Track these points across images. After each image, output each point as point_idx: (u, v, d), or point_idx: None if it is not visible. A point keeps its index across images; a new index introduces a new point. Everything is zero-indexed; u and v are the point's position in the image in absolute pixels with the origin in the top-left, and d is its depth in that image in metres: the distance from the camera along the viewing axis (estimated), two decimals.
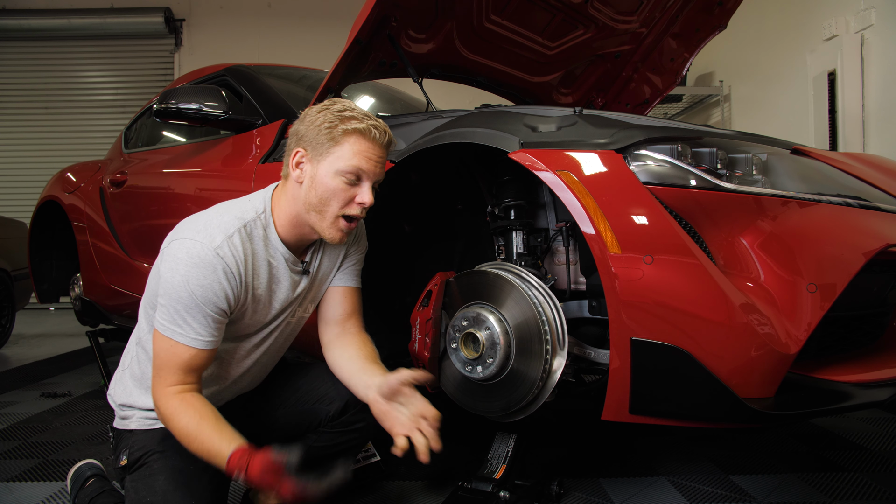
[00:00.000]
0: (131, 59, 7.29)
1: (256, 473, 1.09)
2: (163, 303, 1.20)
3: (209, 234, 1.21)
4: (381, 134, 1.24)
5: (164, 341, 1.20)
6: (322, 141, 1.22)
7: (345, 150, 1.22)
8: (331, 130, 1.22)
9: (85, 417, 2.50)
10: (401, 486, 1.70)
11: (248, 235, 1.25)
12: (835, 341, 1.38)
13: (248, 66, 2.55)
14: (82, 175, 3.29)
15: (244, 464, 1.10)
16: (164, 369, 1.20)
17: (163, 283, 1.20)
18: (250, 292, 1.27)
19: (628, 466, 1.81)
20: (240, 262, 1.22)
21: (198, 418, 1.16)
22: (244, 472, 1.10)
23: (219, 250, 1.19)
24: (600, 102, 2.59)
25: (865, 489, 1.62)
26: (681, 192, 1.22)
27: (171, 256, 1.20)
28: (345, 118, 1.22)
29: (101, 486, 1.50)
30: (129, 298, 2.69)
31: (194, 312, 1.18)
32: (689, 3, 2.22)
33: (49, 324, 5.84)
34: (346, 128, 1.21)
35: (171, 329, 1.19)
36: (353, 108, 1.26)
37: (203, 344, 1.20)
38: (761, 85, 4.78)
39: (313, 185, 1.24)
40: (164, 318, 1.20)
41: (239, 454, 1.11)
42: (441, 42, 2.01)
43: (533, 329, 1.31)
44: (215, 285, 1.19)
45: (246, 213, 1.28)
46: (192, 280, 1.17)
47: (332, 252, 1.44)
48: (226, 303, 1.21)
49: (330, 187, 1.23)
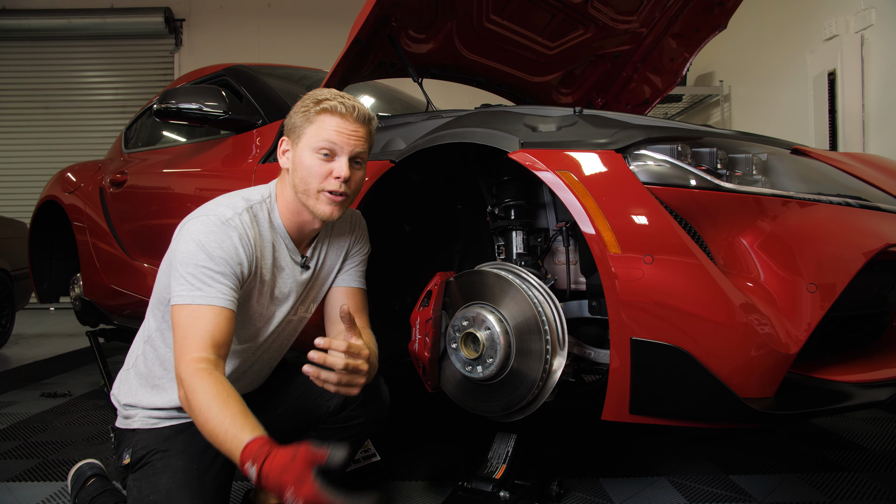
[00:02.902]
0: (131, 59, 7.29)
1: (276, 468, 0.97)
2: (180, 272, 1.19)
3: (219, 211, 1.26)
4: (349, 108, 1.27)
5: (184, 309, 1.17)
6: (299, 124, 1.29)
7: (316, 127, 1.27)
8: (305, 113, 1.28)
9: (85, 417, 2.50)
10: (401, 486, 1.70)
11: (254, 216, 1.30)
12: (835, 341, 1.38)
13: (248, 66, 2.55)
14: (82, 175, 3.29)
15: (263, 454, 0.99)
16: (187, 339, 1.14)
17: (178, 256, 1.21)
18: (258, 269, 1.29)
19: (628, 466, 1.81)
20: (250, 235, 1.26)
21: (223, 398, 1.08)
22: (260, 464, 0.99)
23: (230, 221, 1.24)
24: (600, 102, 2.59)
25: (865, 489, 1.62)
26: (681, 192, 1.22)
27: (186, 231, 1.24)
28: (318, 101, 1.28)
29: (102, 486, 1.50)
30: (129, 298, 2.69)
31: (213, 273, 1.19)
32: (689, 3, 2.22)
33: (49, 324, 5.84)
34: (318, 108, 1.27)
35: (192, 294, 1.17)
36: (329, 91, 1.31)
37: (225, 302, 1.18)
38: (761, 85, 4.79)
39: (295, 167, 1.30)
40: (182, 287, 1.18)
41: (260, 442, 1.02)
42: (441, 42, 2.01)
43: (533, 329, 1.31)
44: (230, 248, 1.21)
45: (252, 196, 1.33)
46: (208, 243, 1.20)
47: (333, 250, 1.44)
48: (240, 267, 1.23)
49: (307, 165, 1.27)
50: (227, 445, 1.04)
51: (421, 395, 1.73)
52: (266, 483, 0.99)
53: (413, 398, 2.43)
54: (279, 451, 1.00)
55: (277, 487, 0.98)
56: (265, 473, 0.99)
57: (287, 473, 0.97)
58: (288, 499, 0.96)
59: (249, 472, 1.00)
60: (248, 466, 1.00)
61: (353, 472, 1.65)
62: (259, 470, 0.99)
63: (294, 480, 0.96)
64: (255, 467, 0.99)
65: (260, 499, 1.47)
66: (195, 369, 1.11)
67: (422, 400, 2.33)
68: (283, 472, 0.97)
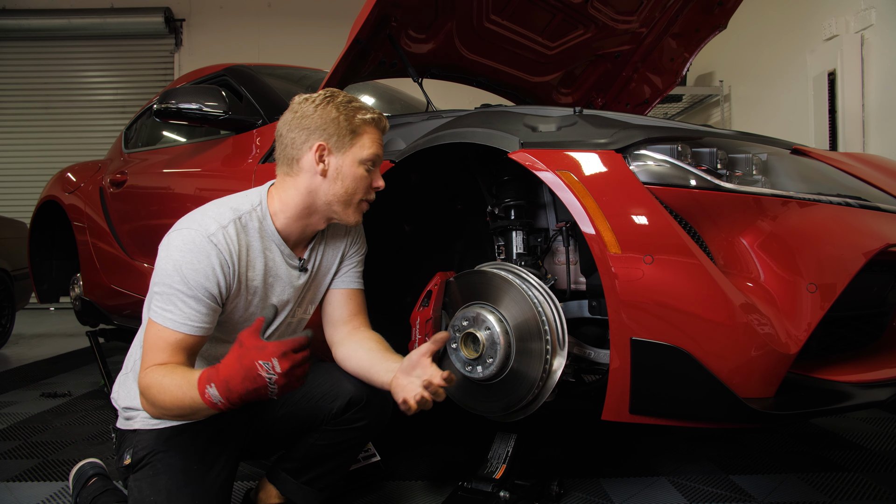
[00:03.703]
0: (131, 59, 7.30)
1: (233, 366, 1.01)
2: (156, 290, 1.19)
3: (203, 223, 1.22)
4: (386, 123, 1.36)
5: (152, 326, 1.18)
6: (343, 133, 1.28)
7: (364, 140, 1.30)
8: (350, 122, 1.29)
9: (85, 417, 2.50)
10: (401, 486, 1.70)
11: (242, 227, 1.27)
12: (835, 341, 1.38)
13: (248, 66, 2.55)
14: (82, 175, 3.29)
15: (213, 371, 1.04)
16: (148, 354, 1.17)
17: (156, 271, 1.20)
18: (244, 283, 1.27)
19: (628, 466, 1.81)
20: (234, 251, 1.23)
21: (171, 368, 1.13)
22: (217, 377, 1.03)
23: (212, 237, 1.20)
24: (600, 102, 2.59)
25: (865, 489, 1.62)
26: (681, 192, 1.22)
27: (166, 245, 1.22)
28: (356, 109, 1.30)
29: (104, 486, 1.50)
30: (129, 298, 2.69)
31: (185, 297, 1.17)
32: (689, 3, 2.22)
33: (49, 324, 5.84)
34: (363, 118, 1.30)
35: (161, 315, 1.17)
36: (354, 98, 1.33)
37: (191, 329, 1.18)
38: (761, 85, 4.79)
39: (340, 175, 1.29)
40: (155, 302, 1.19)
41: (206, 369, 1.06)
42: (441, 42, 2.01)
43: (533, 329, 1.31)
44: (207, 270, 1.18)
45: (241, 205, 1.30)
46: (184, 265, 1.17)
47: (330, 251, 1.44)
48: (216, 288, 1.20)
49: (357, 176, 1.29)
50: (189, 396, 1.07)
51: None
52: (235, 385, 1.02)
53: None
54: (224, 360, 1.04)
55: (247, 376, 1.00)
56: (224, 377, 1.02)
57: (244, 357, 1.01)
58: (266, 375, 1.00)
59: (211, 394, 1.03)
60: (208, 390, 1.03)
61: (354, 472, 1.65)
62: (219, 380, 1.02)
63: (255, 354, 1.00)
64: (213, 384, 1.03)
65: (260, 498, 1.47)
66: (147, 372, 1.14)
67: None
68: (241, 359, 1.01)
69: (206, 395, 1.04)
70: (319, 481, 1.44)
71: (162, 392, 1.10)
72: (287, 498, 1.44)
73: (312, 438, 1.41)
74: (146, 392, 1.14)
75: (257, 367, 1.00)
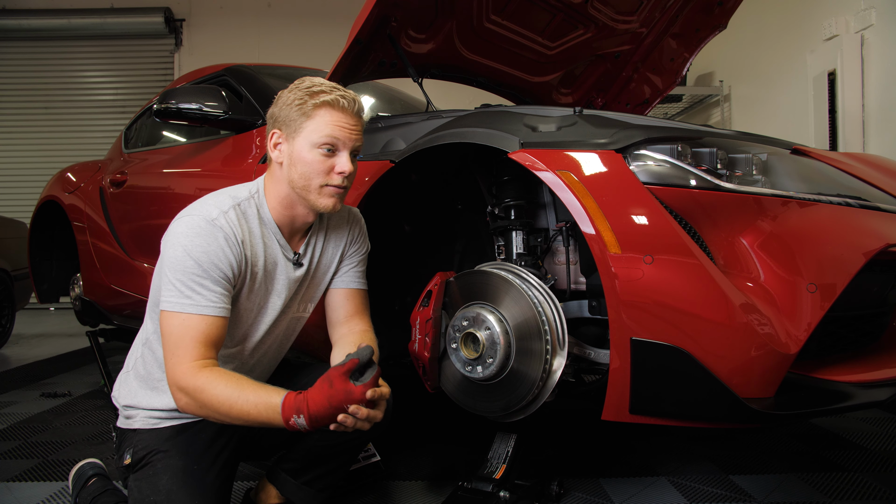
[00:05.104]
0: (131, 59, 7.29)
1: (322, 402, 1.07)
2: (169, 279, 1.18)
3: (204, 210, 1.24)
4: (350, 102, 1.26)
5: (174, 318, 1.17)
6: (294, 118, 1.25)
7: (317, 122, 1.24)
8: (301, 106, 1.24)
9: (85, 417, 2.50)
10: (401, 486, 1.70)
11: (242, 213, 1.27)
12: (835, 341, 1.38)
13: (248, 66, 2.56)
14: (82, 175, 3.29)
15: (301, 400, 1.08)
16: (180, 347, 1.15)
17: (166, 261, 1.20)
18: (248, 267, 1.27)
19: (628, 466, 1.81)
20: (237, 233, 1.24)
21: (236, 379, 1.14)
22: (306, 410, 1.07)
23: (216, 221, 1.21)
24: (600, 102, 2.59)
25: (865, 489, 1.62)
26: (681, 192, 1.22)
27: (172, 234, 1.22)
28: (314, 93, 1.25)
29: (103, 486, 1.50)
30: (129, 298, 2.69)
31: (202, 280, 1.17)
32: (689, 3, 2.22)
33: (49, 324, 5.83)
34: (316, 101, 1.24)
35: (181, 303, 1.17)
36: (322, 82, 1.28)
37: (216, 310, 1.18)
38: (761, 85, 4.79)
39: (292, 162, 1.26)
40: (171, 294, 1.18)
41: (292, 395, 1.10)
42: (441, 42, 2.01)
43: (533, 329, 1.31)
44: (217, 251, 1.19)
45: (239, 193, 1.31)
46: (194, 249, 1.18)
47: (329, 250, 1.43)
48: (230, 269, 1.21)
49: (308, 160, 1.25)
50: (264, 416, 1.10)
51: (421, 395, 1.73)
52: (321, 419, 1.08)
53: (413, 398, 2.42)
54: (312, 390, 1.08)
55: (333, 414, 1.08)
56: (314, 413, 1.07)
57: (334, 398, 1.06)
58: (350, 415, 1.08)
59: (298, 423, 1.08)
60: (295, 419, 1.08)
61: (354, 472, 1.65)
62: (307, 414, 1.07)
63: (343, 398, 1.06)
64: (303, 416, 1.07)
65: (260, 498, 1.47)
66: (194, 372, 1.14)
67: (422, 400, 2.33)
68: (331, 399, 1.07)
69: (292, 422, 1.09)
70: (319, 482, 1.44)
71: (230, 405, 1.11)
72: (287, 498, 1.44)
73: (312, 439, 1.41)
74: (197, 394, 1.13)
75: (344, 409, 1.09)
